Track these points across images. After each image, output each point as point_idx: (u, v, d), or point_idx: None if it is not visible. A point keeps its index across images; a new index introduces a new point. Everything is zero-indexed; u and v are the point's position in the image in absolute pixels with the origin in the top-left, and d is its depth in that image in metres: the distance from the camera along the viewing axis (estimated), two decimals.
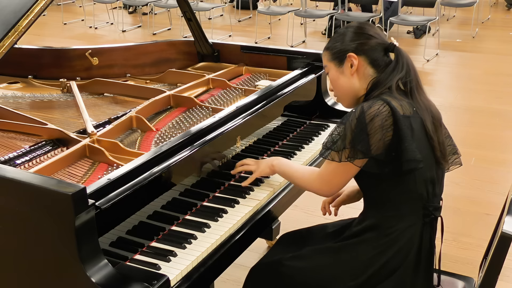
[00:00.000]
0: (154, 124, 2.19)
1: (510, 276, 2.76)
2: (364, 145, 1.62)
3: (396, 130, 1.61)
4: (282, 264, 1.80)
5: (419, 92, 1.72)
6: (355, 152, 1.63)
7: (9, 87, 2.71)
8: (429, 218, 1.70)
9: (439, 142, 1.72)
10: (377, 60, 1.75)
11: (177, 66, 2.91)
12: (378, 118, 1.60)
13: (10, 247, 1.58)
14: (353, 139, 1.63)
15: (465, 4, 7.51)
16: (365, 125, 1.61)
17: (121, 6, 9.28)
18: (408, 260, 1.68)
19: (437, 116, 1.75)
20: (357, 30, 1.78)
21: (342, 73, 1.78)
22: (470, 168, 3.95)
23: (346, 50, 1.76)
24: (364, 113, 1.62)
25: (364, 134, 1.61)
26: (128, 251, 1.63)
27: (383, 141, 1.61)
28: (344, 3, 7.30)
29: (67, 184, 1.48)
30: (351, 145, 1.63)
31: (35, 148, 1.99)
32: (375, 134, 1.60)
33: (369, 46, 1.75)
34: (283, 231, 2.68)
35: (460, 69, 6.49)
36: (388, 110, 1.61)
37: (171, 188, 1.79)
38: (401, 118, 1.61)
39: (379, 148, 1.62)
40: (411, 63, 1.75)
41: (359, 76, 1.76)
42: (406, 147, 1.62)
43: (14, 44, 2.02)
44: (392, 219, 1.70)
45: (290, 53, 2.75)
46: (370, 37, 1.76)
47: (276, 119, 2.38)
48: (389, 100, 1.63)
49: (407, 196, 1.68)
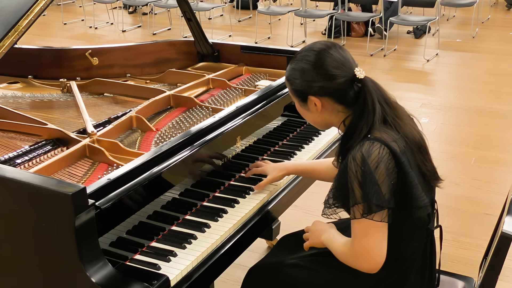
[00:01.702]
0: (154, 124, 2.19)
1: (510, 276, 2.76)
2: (378, 197, 1.48)
3: (400, 172, 1.51)
4: (282, 269, 1.78)
5: (401, 121, 1.60)
6: (370, 207, 1.49)
7: (9, 87, 2.71)
8: (430, 236, 1.70)
9: (430, 171, 1.64)
10: (343, 97, 1.58)
11: (177, 66, 2.90)
12: (382, 164, 1.49)
13: (10, 247, 1.58)
14: (365, 193, 1.49)
15: (465, 4, 7.50)
16: (372, 175, 1.48)
17: (121, 6, 9.28)
18: (413, 272, 1.68)
19: (423, 145, 1.63)
20: (317, 69, 1.58)
21: (307, 110, 1.66)
22: (470, 168, 3.95)
23: (307, 92, 1.60)
24: (367, 161, 1.49)
25: (375, 185, 1.48)
26: (128, 251, 1.63)
27: (390, 186, 1.50)
28: (344, 3, 7.30)
29: (67, 184, 1.48)
30: (364, 200, 1.49)
31: (35, 148, 1.99)
32: (384, 182, 1.49)
33: (332, 88, 1.57)
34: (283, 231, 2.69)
35: (460, 69, 6.49)
36: (387, 152, 1.50)
37: (171, 188, 1.79)
38: (401, 157, 1.51)
39: (389, 196, 1.50)
40: (382, 94, 1.60)
41: (328, 112, 1.63)
42: (414, 193, 1.53)
43: (14, 44, 2.01)
44: (399, 250, 1.63)
45: (290, 53, 2.75)
46: (332, 77, 1.56)
47: (276, 119, 2.37)
48: (384, 139, 1.51)
49: (412, 228, 1.64)
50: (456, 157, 4.10)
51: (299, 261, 1.79)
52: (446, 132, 4.54)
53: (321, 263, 1.76)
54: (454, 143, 4.35)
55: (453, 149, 4.20)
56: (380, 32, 7.38)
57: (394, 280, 1.67)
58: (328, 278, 1.72)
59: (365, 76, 1.59)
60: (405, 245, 1.65)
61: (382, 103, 1.59)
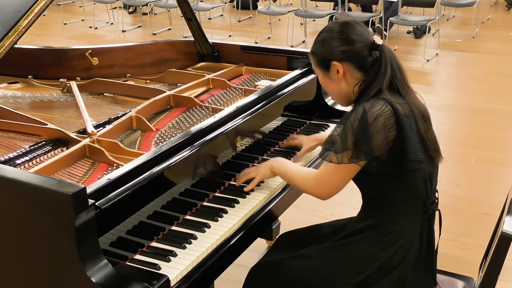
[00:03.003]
0: (154, 124, 2.19)
1: (510, 276, 2.76)
2: (367, 146, 1.61)
3: (399, 129, 1.61)
4: (281, 265, 1.80)
5: (407, 91, 1.71)
6: (357, 154, 1.62)
7: (9, 87, 2.71)
8: (428, 215, 1.72)
9: (431, 139, 1.71)
10: (363, 63, 1.72)
11: (177, 66, 2.90)
12: (381, 118, 1.59)
13: (10, 247, 1.58)
14: (356, 141, 1.61)
15: (465, 4, 7.50)
16: (367, 125, 1.60)
17: (121, 6, 9.28)
18: (409, 257, 1.69)
19: (426, 114, 1.73)
20: (340, 35, 1.73)
21: (330, 78, 1.77)
22: (470, 168, 3.95)
23: (330, 58, 1.73)
24: (366, 113, 1.60)
25: (367, 135, 1.60)
26: (128, 251, 1.63)
27: (386, 141, 1.60)
28: (344, 3, 7.30)
29: (67, 184, 1.48)
30: (354, 147, 1.62)
31: (35, 148, 1.99)
32: (379, 134, 1.60)
33: (353, 52, 1.71)
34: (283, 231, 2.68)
35: (460, 69, 6.49)
36: (390, 109, 1.61)
37: (171, 188, 1.79)
38: (403, 117, 1.61)
39: (381, 149, 1.61)
40: (396, 61, 1.73)
41: (347, 80, 1.75)
42: (408, 147, 1.62)
43: (14, 44, 2.02)
44: (392, 218, 1.70)
45: (290, 53, 2.75)
46: (353, 42, 1.71)
47: (276, 119, 2.37)
48: (390, 100, 1.63)
49: (407, 195, 1.69)
50: (456, 157, 4.09)
51: (298, 252, 1.82)
52: (446, 132, 4.54)
53: (317, 249, 1.79)
54: (454, 143, 4.35)
55: (453, 149, 4.20)
56: (380, 32, 7.37)
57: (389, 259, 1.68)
58: (325, 262, 1.74)
59: (382, 43, 1.73)
60: (398, 215, 1.69)
61: (394, 68, 1.71)
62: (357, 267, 1.69)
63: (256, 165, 2.11)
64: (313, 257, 1.77)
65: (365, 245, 1.71)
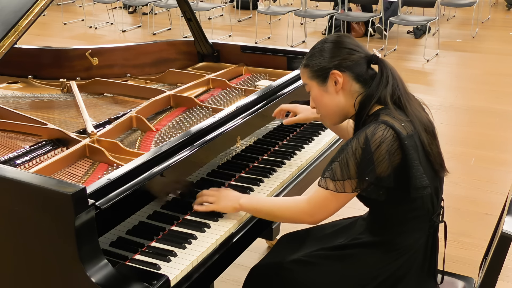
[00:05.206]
0: (154, 124, 2.19)
1: (510, 276, 2.76)
2: (372, 175, 1.54)
3: (403, 154, 1.55)
4: (282, 267, 1.79)
5: (409, 103, 1.66)
6: (362, 183, 1.56)
7: (9, 87, 2.71)
8: (433, 228, 1.71)
9: (435, 153, 1.66)
10: (361, 74, 1.67)
11: (177, 66, 2.91)
12: (384, 145, 1.53)
13: (10, 247, 1.58)
14: (360, 170, 1.55)
15: (465, 4, 7.51)
16: (371, 153, 1.53)
17: (121, 6, 9.29)
18: (414, 267, 1.69)
19: (430, 128, 1.68)
20: (336, 44, 1.69)
21: (326, 91, 1.70)
22: (470, 168, 3.95)
23: (329, 67, 1.67)
24: (369, 141, 1.54)
25: (371, 164, 1.53)
26: (128, 251, 1.63)
27: (391, 166, 1.55)
28: (344, 3, 7.30)
29: (67, 184, 1.48)
30: (358, 176, 1.55)
31: (35, 148, 1.99)
32: (383, 162, 1.54)
33: (352, 61, 1.66)
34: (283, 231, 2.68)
35: (460, 69, 6.49)
36: (392, 134, 1.54)
37: (171, 188, 1.79)
38: (406, 140, 1.55)
39: (387, 176, 1.55)
40: (396, 73, 1.68)
41: (345, 93, 1.68)
42: (414, 173, 1.56)
43: (14, 44, 2.01)
44: (399, 236, 1.67)
45: (290, 53, 2.76)
46: (351, 52, 1.67)
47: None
48: (391, 123, 1.56)
49: (415, 214, 1.65)
50: (456, 157, 4.10)
51: (301, 257, 1.80)
52: (446, 132, 4.54)
53: (321, 256, 1.77)
54: (454, 143, 4.35)
55: (453, 149, 4.20)
56: (380, 32, 7.38)
57: (394, 272, 1.67)
58: (328, 270, 1.73)
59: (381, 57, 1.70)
60: (405, 232, 1.67)
61: (396, 78, 1.67)
62: (362, 280, 1.68)
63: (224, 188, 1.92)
64: (316, 264, 1.75)
65: (371, 259, 1.69)
